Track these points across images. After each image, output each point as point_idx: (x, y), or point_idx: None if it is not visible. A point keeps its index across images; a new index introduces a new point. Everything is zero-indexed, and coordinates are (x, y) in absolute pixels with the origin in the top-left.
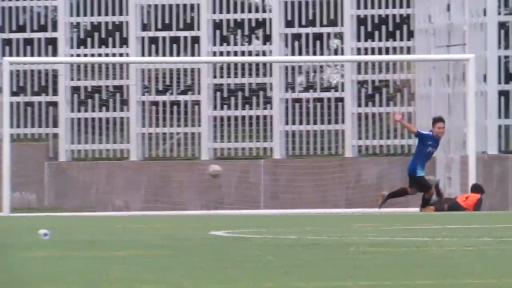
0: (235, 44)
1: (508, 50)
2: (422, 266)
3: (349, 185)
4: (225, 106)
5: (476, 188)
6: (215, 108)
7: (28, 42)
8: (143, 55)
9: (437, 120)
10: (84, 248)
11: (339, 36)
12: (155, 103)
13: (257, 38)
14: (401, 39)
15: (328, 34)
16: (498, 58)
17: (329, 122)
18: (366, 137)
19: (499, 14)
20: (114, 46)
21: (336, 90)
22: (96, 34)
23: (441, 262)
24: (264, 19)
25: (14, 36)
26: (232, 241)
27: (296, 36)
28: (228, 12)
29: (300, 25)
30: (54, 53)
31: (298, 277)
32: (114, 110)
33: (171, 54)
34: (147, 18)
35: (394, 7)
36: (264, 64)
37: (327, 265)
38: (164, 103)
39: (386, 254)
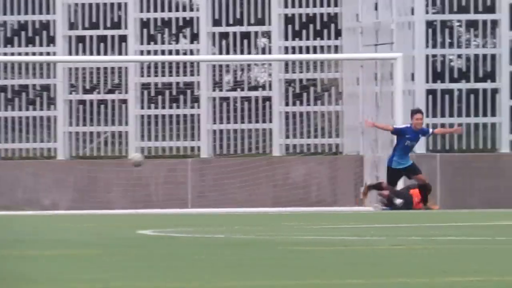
0: (163, 43)
1: (435, 49)
2: (351, 265)
3: (276, 184)
4: (152, 105)
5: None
6: (142, 107)
7: None
8: (70, 54)
9: (415, 111)
10: (12, 247)
11: (267, 35)
12: (82, 102)
13: (185, 37)
14: (329, 38)
15: (256, 33)
16: (425, 57)
17: (257, 121)
18: (294, 136)
19: (427, 13)
20: (41, 45)
21: (264, 89)
22: (23, 33)
23: (369, 261)
24: (191, 18)
25: None
26: (159, 240)
27: (224, 35)
28: (155, 11)
29: (228, 24)
30: None
31: (226, 276)
32: (41, 109)
33: (98, 53)
34: (74, 16)
35: (321, 6)
36: (192, 63)
37: (255, 264)
38: (91, 102)
39: (314, 253)
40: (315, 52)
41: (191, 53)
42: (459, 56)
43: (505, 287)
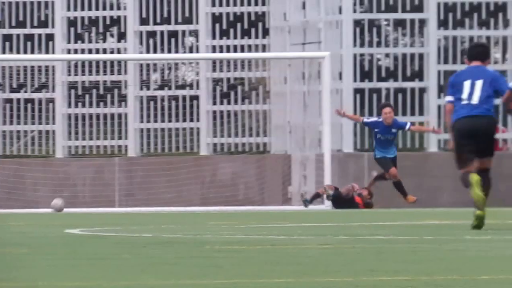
0: (90, 41)
1: (363, 48)
2: (278, 264)
3: (204, 183)
4: (79, 104)
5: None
6: (69, 105)
7: None
8: None
9: (383, 106)
10: None
11: (194, 33)
12: (9, 101)
13: (112, 35)
14: (257, 37)
15: (183, 32)
16: (353, 56)
17: (184, 120)
18: (221, 135)
19: (355, 11)
20: None
21: (191, 88)
22: None
23: (297, 260)
24: (118, 17)
25: None
26: (87, 239)
27: (151, 34)
28: (82, 9)
29: (155, 23)
30: None
31: (154, 275)
32: None
33: (25, 52)
34: (1, 15)
35: (249, 4)
36: (119, 62)
37: (183, 263)
38: (18, 100)
39: (241, 252)
40: (242, 51)
41: (119, 51)
42: (387, 55)
43: (433, 287)
